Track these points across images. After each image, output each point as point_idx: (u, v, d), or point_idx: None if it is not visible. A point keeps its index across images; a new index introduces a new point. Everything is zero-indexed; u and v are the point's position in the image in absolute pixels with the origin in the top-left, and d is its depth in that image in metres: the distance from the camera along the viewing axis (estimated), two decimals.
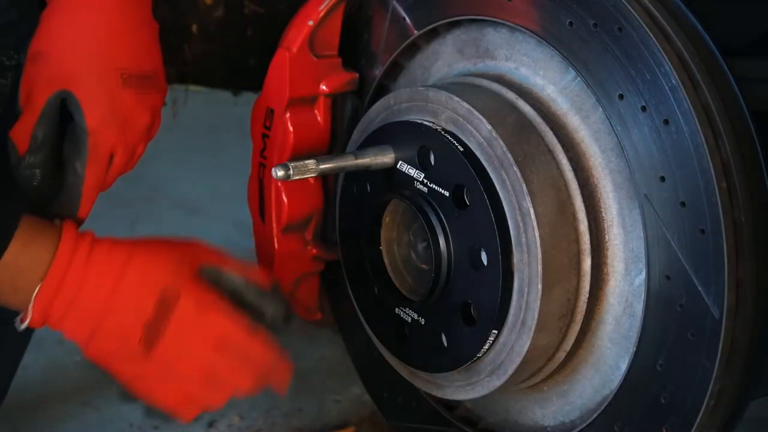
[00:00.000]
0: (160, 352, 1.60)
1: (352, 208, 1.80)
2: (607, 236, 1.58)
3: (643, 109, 1.49)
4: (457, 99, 1.63)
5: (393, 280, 1.76)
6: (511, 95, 1.64)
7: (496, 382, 1.65)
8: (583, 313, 1.61)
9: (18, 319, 1.63)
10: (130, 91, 1.70)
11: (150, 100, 1.73)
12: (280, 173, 1.68)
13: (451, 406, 1.85)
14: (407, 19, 1.78)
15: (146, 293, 1.60)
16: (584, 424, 1.63)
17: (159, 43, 1.77)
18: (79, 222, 1.67)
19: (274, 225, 1.86)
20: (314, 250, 1.90)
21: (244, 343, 1.62)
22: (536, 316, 1.57)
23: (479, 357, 1.64)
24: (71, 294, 1.60)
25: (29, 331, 2.01)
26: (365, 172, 1.74)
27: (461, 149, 1.61)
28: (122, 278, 1.60)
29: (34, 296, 1.60)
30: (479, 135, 1.61)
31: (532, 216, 1.56)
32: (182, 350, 1.61)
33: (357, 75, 1.86)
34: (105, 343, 1.62)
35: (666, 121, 1.47)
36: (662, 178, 1.48)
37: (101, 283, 1.60)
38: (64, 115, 1.70)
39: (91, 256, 1.60)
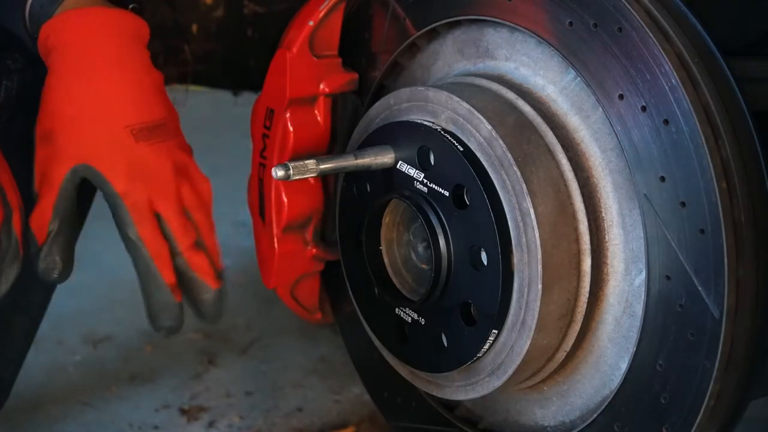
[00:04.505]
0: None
1: (352, 208, 1.80)
2: (607, 236, 1.58)
3: (643, 109, 1.49)
4: (457, 99, 1.63)
5: (393, 280, 1.76)
6: (511, 95, 1.64)
7: (496, 382, 1.65)
8: (583, 313, 1.61)
9: None
10: (143, 143, 1.69)
11: (165, 147, 1.71)
12: (280, 173, 1.68)
13: (451, 406, 1.85)
14: (407, 19, 1.78)
15: None
16: (584, 424, 1.63)
17: (164, 89, 1.76)
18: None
19: (274, 225, 1.86)
20: (314, 250, 1.90)
21: None
22: (536, 316, 1.57)
23: (479, 357, 1.65)
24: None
25: (31, 331, 2.02)
26: (365, 172, 1.74)
27: (461, 149, 1.61)
28: None
29: None
30: (479, 135, 1.61)
31: (532, 216, 1.56)
32: None
33: (357, 75, 1.86)
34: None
35: (666, 121, 1.47)
36: (662, 178, 1.48)
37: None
38: (84, 192, 1.70)
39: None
